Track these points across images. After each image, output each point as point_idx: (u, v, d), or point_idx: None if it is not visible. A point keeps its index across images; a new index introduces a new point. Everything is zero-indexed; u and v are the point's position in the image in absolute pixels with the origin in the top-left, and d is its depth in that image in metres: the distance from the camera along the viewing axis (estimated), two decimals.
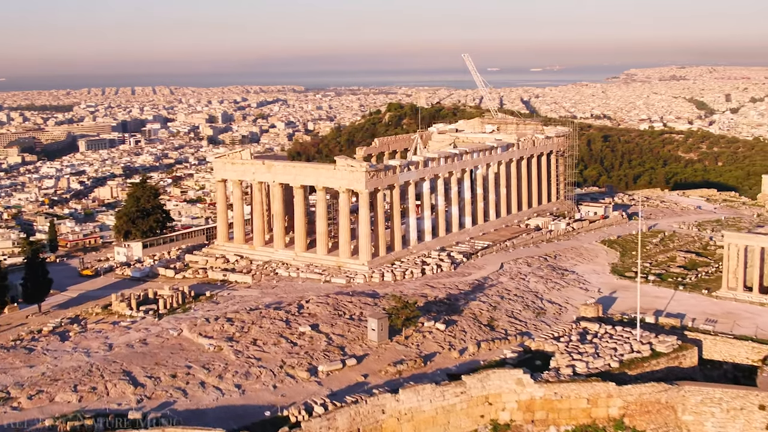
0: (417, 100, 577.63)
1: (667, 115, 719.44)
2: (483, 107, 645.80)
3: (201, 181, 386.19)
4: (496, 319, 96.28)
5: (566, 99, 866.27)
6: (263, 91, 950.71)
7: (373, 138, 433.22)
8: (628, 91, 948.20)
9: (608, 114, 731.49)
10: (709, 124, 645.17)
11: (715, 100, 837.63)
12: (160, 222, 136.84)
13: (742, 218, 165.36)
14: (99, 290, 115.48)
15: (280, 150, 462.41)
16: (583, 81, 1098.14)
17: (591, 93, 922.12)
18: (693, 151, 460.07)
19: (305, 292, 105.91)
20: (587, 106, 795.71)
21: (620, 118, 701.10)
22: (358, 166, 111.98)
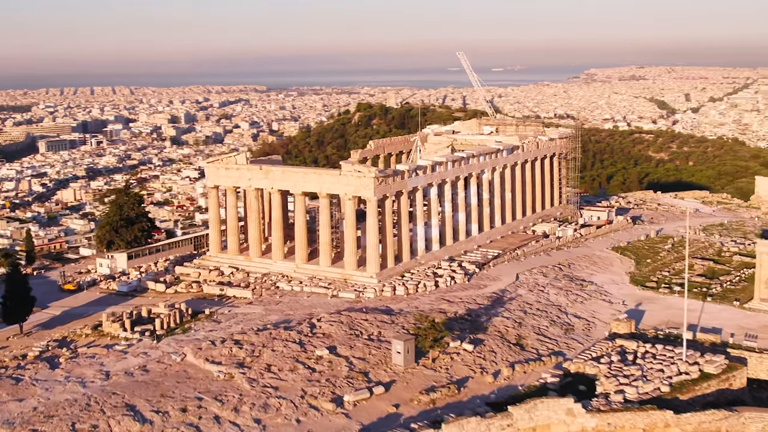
0: (386, 100, 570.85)
1: (629, 115, 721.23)
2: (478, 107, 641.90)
3: (168, 183, 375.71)
4: (524, 337, 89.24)
5: (529, 99, 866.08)
6: (225, 91, 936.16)
7: (343, 138, 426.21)
8: (590, 91, 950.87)
9: (572, 114, 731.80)
10: (673, 123, 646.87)
11: (675, 100, 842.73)
12: (145, 231, 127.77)
13: (744, 222, 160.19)
14: (84, 307, 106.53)
15: (248, 151, 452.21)
16: (545, 81, 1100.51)
17: (553, 93, 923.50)
18: (663, 151, 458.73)
19: (313, 309, 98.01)
20: (550, 105, 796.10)
21: (584, 117, 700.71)
22: (366, 171, 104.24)
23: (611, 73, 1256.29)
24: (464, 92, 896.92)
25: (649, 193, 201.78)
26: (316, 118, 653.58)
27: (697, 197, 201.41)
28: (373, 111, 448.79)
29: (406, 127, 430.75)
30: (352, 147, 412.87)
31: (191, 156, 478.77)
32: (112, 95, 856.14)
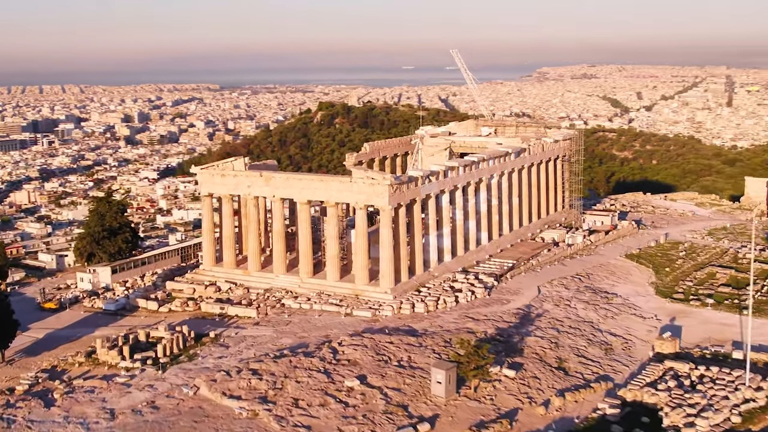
0: (347, 98, 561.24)
1: (585, 113, 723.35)
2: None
3: (126, 184, 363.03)
4: (565, 360, 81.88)
5: (483, 97, 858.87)
6: (177, 89, 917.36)
7: (306, 138, 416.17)
8: (543, 89, 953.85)
9: (527, 112, 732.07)
10: (629, 122, 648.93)
11: (628, 98, 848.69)
12: (129, 242, 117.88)
13: (745, 225, 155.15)
14: (69, 329, 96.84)
15: (208, 153, 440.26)
16: (498, 79, 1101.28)
17: (507, 91, 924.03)
18: (627, 150, 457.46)
19: (328, 330, 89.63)
20: (505, 104, 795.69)
21: (539, 116, 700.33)
22: (380, 178, 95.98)
23: (563, 72, 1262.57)
24: (419, 91, 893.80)
25: (639, 195, 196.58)
26: (272, 116, 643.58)
27: (686, 198, 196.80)
28: (336, 110, 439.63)
29: (370, 126, 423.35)
30: (316, 147, 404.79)
31: (147, 156, 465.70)
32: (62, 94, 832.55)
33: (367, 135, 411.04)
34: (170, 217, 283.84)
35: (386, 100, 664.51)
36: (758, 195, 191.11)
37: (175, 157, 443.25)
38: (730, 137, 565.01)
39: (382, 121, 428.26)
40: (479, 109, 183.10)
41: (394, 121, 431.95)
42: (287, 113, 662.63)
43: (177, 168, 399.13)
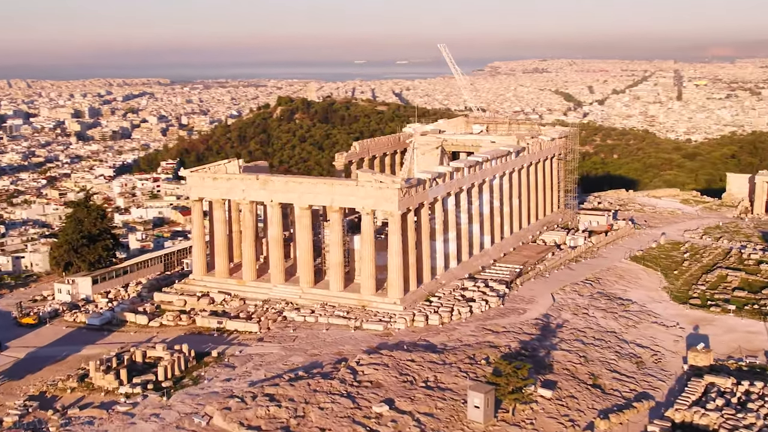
0: (306, 93, 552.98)
1: (539, 107, 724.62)
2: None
3: (81, 182, 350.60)
4: (598, 376, 76.67)
5: (437, 91, 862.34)
6: (127, 84, 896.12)
7: (266, 133, 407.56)
8: (496, 83, 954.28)
9: (482, 106, 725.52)
10: (584, 116, 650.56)
11: (580, 92, 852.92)
12: (109, 250, 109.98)
13: (736, 223, 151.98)
14: (52, 347, 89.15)
15: (164, 149, 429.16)
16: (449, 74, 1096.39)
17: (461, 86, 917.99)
18: (588, 144, 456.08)
19: (340, 346, 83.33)
20: (459, 99, 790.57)
21: (494, 110, 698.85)
22: (389, 181, 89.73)
23: (515, 66, 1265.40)
24: (372, 85, 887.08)
25: (621, 192, 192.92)
26: (226, 111, 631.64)
27: (669, 195, 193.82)
28: (295, 105, 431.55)
29: (330, 121, 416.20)
30: (276, 143, 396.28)
31: (100, 152, 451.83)
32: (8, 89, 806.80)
33: (327, 130, 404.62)
34: (128, 216, 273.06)
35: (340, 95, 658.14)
36: (740, 191, 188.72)
37: (129, 154, 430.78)
38: (683, 131, 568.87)
39: (343, 116, 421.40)
40: (468, 104, 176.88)
41: (355, 116, 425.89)
42: (241, 108, 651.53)
43: (133, 165, 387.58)
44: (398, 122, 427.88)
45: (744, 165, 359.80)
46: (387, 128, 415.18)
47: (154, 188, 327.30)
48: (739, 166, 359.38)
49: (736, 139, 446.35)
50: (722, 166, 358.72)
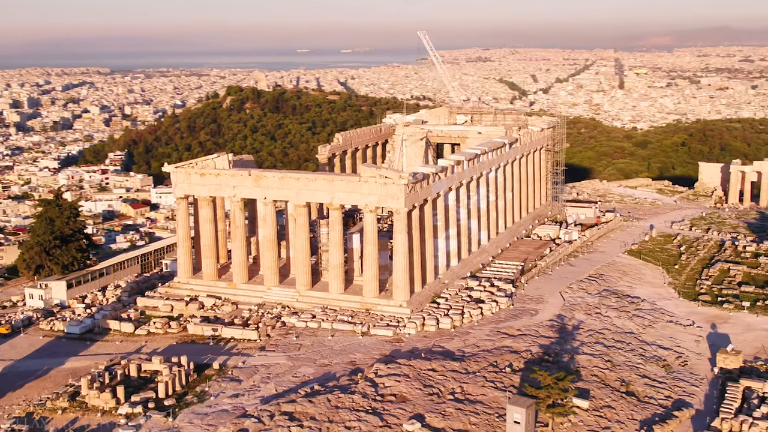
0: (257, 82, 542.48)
1: (484, 96, 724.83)
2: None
3: (25, 174, 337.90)
4: (629, 382, 72.43)
5: (383, 80, 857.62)
6: (66, 73, 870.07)
7: (216, 123, 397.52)
8: None
9: (428, 95, 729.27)
10: (530, 104, 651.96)
11: (524, 81, 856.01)
12: (83, 251, 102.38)
13: (719, 214, 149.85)
14: (31, 359, 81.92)
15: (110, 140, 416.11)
16: (394, 62, 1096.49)
17: (405, 74, 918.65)
18: None
19: (351, 354, 77.64)
20: (405, 87, 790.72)
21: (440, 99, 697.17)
22: (395, 177, 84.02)
23: (458, 55, 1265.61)
24: (317, 74, 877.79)
25: (595, 182, 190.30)
26: (169, 101, 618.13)
27: (641, 185, 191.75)
28: (245, 94, 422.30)
29: (281, 111, 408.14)
30: (227, 133, 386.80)
31: (42, 144, 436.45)
32: None
33: (279, 120, 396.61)
34: None
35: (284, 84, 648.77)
36: (712, 180, 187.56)
37: (74, 145, 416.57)
38: (628, 119, 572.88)
39: (294, 106, 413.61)
40: (450, 94, 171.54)
41: (306, 105, 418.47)
42: (185, 97, 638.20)
43: (79, 156, 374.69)
44: (351, 112, 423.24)
45: (694, 153, 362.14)
46: (339, 118, 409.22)
47: (103, 181, 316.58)
48: (689, 153, 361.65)
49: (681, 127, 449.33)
50: (673, 154, 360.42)
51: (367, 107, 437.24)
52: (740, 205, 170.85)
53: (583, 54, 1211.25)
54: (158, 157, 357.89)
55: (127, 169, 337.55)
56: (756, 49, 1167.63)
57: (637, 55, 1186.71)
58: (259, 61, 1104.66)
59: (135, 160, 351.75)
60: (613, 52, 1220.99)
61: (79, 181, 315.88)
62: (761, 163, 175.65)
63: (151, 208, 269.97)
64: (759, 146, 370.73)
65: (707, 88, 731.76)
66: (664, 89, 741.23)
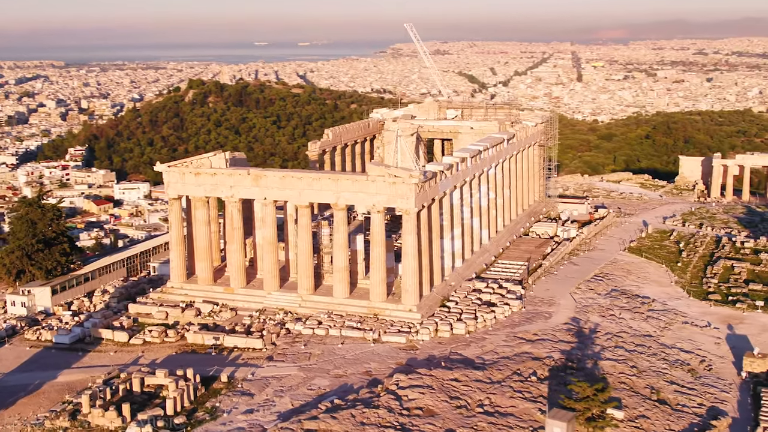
0: (215, 75, 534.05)
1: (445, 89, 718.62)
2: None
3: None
4: (659, 389, 69.67)
5: (342, 73, 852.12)
6: (19, 66, 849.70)
7: (179, 118, 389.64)
8: (399, 65, 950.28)
9: (388, 88, 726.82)
10: (491, 97, 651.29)
11: (483, 74, 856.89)
12: (67, 254, 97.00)
13: (707, 209, 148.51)
14: (19, 373, 76.80)
15: (69, 135, 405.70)
16: (353, 55, 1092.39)
17: (364, 67, 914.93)
18: None
19: (365, 364, 73.71)
20: (365, 80, 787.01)
21: (401, 92, 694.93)
22: (405, 176, 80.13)
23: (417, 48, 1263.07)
24: (275, 67, 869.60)
25: (577, 177, 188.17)
26: (127, 95, 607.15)
27: (621, 179, 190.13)
28: (207, 88, 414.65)
29: (245, 105, 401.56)
30: (191, 127, 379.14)
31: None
32: None
33: (243, 114, 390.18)
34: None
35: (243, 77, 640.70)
36: (693, 174, 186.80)
37: (32, 140, 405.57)
38: (589, 111, 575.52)
39: (258, 99, 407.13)
40: (438, 87, 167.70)
41: (270, 99, 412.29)
42: (142, 91, 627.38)
43: (37, 152, 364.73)
44: (315, 105, 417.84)
45: (659, 145, 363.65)
46: (304, 111, 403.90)
47: (63, 177, 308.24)
48: (654, 146, 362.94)
49: (643, 119, 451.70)
50: (638, 147, 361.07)
51: (331, 101, 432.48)
52: (722, 199, 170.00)
53: (540, 47, 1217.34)
54: (120, 153, 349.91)
55: (88, 164, 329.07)
56: (709, 42, 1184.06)
57: (593, 48, 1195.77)
58: (216, 54, 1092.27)
59: (96, 155, 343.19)
60: (570, 45, 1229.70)
61: (39, 177, 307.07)
62: (743, 156, 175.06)
63: (115, 204, 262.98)
64: (722, 138, 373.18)
65: (664, 80, 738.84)
66: (621, 82, 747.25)
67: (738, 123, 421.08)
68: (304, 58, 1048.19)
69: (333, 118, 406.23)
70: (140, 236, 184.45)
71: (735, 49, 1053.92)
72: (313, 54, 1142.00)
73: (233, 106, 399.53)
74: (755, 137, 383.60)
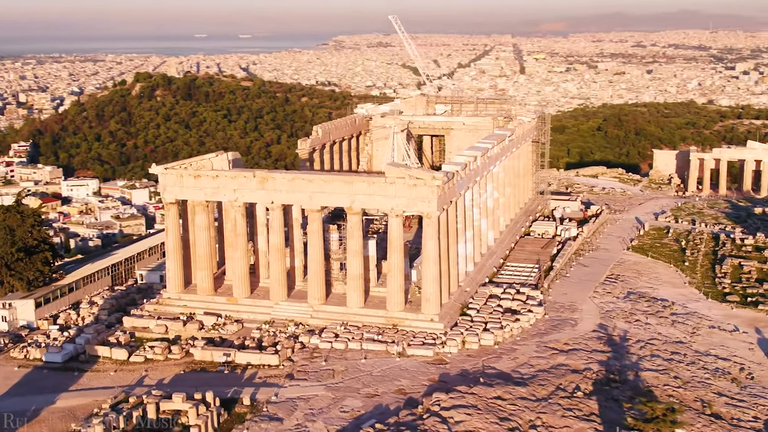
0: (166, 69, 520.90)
1: (390, 82, 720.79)
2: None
3: None
4: (709, 402, 65.80)
5: (285, 66, 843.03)
6: None
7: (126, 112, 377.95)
8: (342, 57, 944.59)
9: (333, 81, 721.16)
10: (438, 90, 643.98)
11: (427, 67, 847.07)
12: (49, 263, 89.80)
13: (692, 203, 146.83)
14: (12, 398, 70.12)
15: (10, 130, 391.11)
16: (294, 48, 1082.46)
17: (307, 60, 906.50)
18: None
19: (396, 381, 68.55)
20: (309, 73, 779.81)
21: (346, 84, 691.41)
22: (428, 178, 75.07)
23: (359, 41, 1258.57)
24: (217, 59, 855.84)
25: (553, 171, 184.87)
26: (66, 88, 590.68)
27: (594, 174, 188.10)
28: (155, 81, 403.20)
29: (194, 98, 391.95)
30: (139, 122, 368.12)
31: None
32: None
33: (193, 107, 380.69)
34: None
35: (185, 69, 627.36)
36: (667, 168, 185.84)
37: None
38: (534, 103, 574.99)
39: (207, 93, 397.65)
40: (424, 80, 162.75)
41: (220, 92, 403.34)
42: (82, 84, 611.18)
43: None
44: (266, 99, 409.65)
45: (611, 138, 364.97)
46: (254, 105, 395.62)
47: (7, 173, 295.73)
48: (606, 138, 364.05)
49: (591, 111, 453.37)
50: (591, 139, 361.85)
51: (282, 94, 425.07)
52: (700, 192, 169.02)
53: (482, 39, 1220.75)
54: (66, 148, 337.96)
55: (33, 160, 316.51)
56: (647, 34, 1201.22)
57: (534, 40, 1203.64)
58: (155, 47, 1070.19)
59: (41, 151, 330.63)
60: (511, 38, 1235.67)
61: None
62: (720, 150, 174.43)
63: (63, 201, 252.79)
64: (672, 130, 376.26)
65: (605, 72, 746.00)
66: (564, 74, 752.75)
67: (684, 115, 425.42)
68: (246, 50, 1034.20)
69: (284, 111, 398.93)
70: (92, 235, 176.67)
71: (672, 41, 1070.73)
72: (254, 46, 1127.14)
73: (182, 99, 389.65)
74: (704, 129, 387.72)
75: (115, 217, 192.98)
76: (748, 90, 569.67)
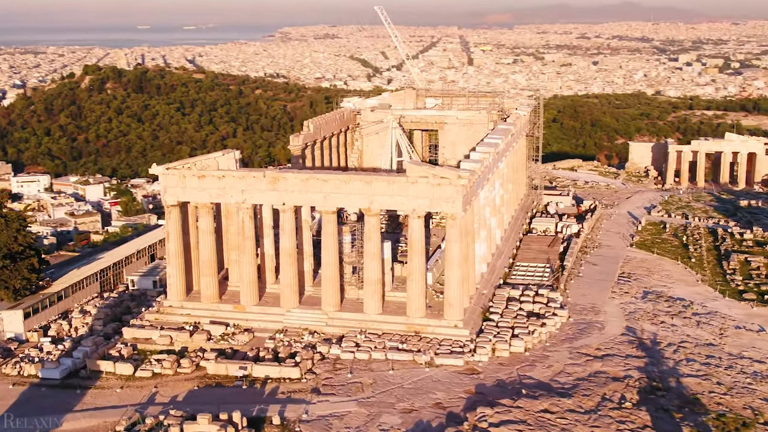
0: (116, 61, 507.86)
1: (339, 74, 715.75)
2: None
3: None
4: (759, 410, 62.90)
5: (232, 57, 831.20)
6: None
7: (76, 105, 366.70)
8: (290, 49, 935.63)
9: (282, 73, 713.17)
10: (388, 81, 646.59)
11: (375, 58, 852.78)
12: (35, 270, 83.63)
13: (678, 197, 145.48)
14: (12, 420, 63.53)
15: None
16: (240, 39, 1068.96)
17: (254, 51, 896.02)
18: None
19: (431, 393, 64.40)
20: (257, 65, 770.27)
21: (295, 76, 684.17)
22: (453, 176, 70.93)
23: (305, 32, 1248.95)
24: (162, 51, 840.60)
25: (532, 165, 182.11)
26: (8, 81, 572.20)
27: (572, 167, 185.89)
28: (105, 74, 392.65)
29: (146, 91, 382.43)
30: (89, 115, 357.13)
31: None
32: None
33: (145, 100, 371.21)
34: None
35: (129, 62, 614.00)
36: (643, 160, 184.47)
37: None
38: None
39: (159, 86, 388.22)
40: (412, 74, 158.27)
41: (172, 85, 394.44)
42: (24, 77, 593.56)
43: None
44: (219, 91, 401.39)
45: (567, 129, 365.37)
46: (208, 98, 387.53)
47: None
48: (562, 129, 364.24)
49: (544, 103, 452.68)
50: (547, 131, 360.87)
51: (235, 86, 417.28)
52: (678, 185, 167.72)
53: (428, 31, 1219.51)
54: (14, 143, 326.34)
55: None
56: (591, 26, 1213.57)
57: (480, 31, 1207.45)
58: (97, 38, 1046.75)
59: None
60: (457, 30, 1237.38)
61: None
62: (698, 142, 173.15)
63: (13, 198, 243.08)
64: (627, 121, 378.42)
65: (552, 64, 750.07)
66: (511, 66, 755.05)
67: (635, 106, 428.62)
68: (190, 42, 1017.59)
69: (239, 104, 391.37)
70: (46, 233, 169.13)
71: (615, 33, 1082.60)
72: (199, 38, 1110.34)
73: (133, 92, 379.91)
74: (658, 120, 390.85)
75: (69, 214, 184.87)
76: (692, 81, 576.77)
